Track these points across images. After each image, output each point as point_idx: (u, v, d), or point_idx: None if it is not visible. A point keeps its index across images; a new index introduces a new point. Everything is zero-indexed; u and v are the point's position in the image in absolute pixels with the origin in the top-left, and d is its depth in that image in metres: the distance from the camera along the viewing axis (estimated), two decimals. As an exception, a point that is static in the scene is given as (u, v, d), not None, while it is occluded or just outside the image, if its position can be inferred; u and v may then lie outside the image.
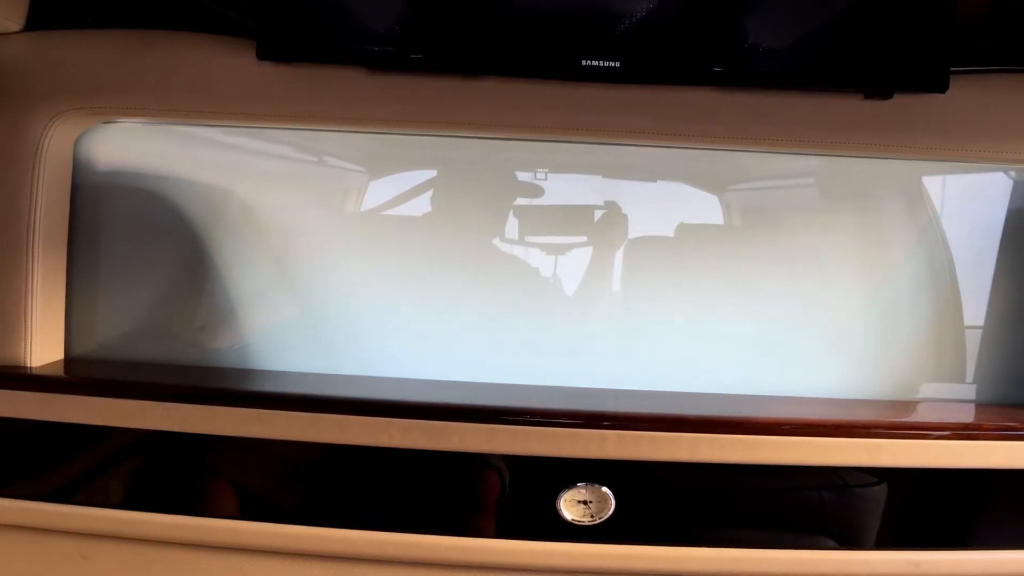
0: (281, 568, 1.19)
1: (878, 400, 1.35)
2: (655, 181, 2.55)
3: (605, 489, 1.16)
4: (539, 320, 1.44)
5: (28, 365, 1.22)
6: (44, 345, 1.24)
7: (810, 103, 1.19)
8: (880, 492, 1.20)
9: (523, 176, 2.45)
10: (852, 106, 1.19)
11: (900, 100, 1.18)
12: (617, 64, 1.16)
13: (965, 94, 1.18)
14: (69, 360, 1.29)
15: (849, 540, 1.19)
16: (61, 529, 1.19)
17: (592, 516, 1.16)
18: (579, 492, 1.16)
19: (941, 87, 1.15)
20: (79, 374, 1.26)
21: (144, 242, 1.37)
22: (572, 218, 2.69)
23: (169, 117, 1.30)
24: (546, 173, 2.67)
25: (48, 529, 1.19)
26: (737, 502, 1.20)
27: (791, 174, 2.33)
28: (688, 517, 1.19)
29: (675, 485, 1.18)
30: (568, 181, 1.71)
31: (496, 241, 1.50)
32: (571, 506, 1.16)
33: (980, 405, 1.35)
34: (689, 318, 1.45)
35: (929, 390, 1.39)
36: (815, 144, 1.22)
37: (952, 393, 1.39)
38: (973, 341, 1.40)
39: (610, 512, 1.16)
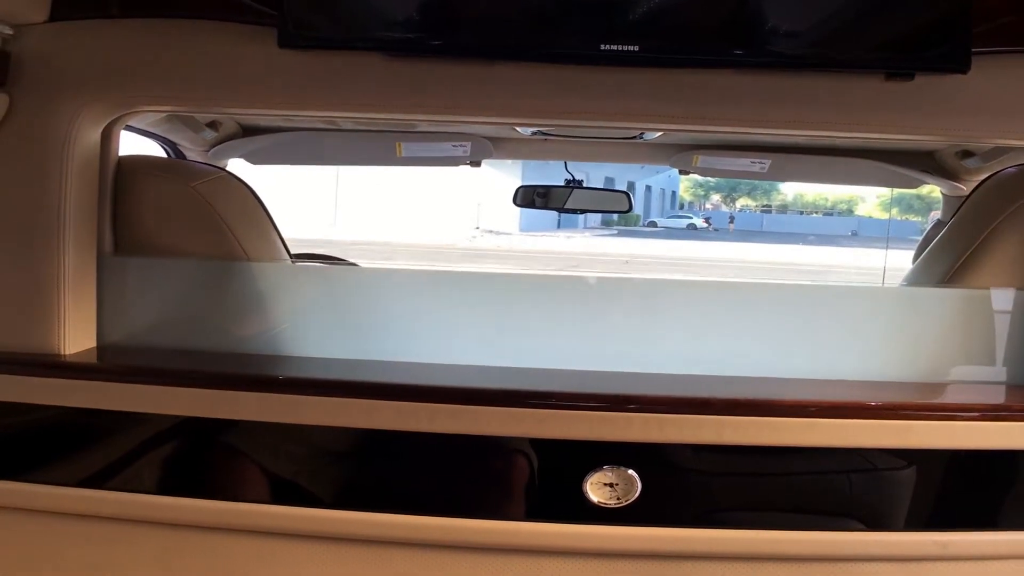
0: (312, 551, 1.25)
1: (906, 382, 1.39)
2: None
3: (631, 472, 1.21)
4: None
5: (62, 353, 1.29)
6: (77, 333, 1.31)
7: (831, 84, 1.25)
8: (909, 475, 1.25)
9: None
10: (874, 87, 1.25)
11: (922, 81, 1.24)
12: (636, 48, 1.21)
13: (987, 75, 1.24)
14: (101, 348, 1.36)
15: (878, 523, 1.25)
16: (96, 514, 1.27)
17: (619, 499, 1.22)
18: (605, 475, 1.21)
19: (963, 68, 1.20)
20: (112, 361, 1.33)
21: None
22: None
23: (192, 105, 1.38)
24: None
25: (83, 514, 1.27)
26: (764, 485, 1.26)
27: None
28: (715, 500, 1.25)
29: (701, 468, 1.25)
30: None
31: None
32: (597, 489, 1.22)
33: (1011, 386, 1.39)
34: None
35: (959, 372, 1.42)
36: (837, 126, 1.28)
37: (982, 375, 1.42)
38: (1002, 322, 1.43)
39: (636, 495, 1.22)
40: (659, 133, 2.26)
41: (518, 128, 2.29)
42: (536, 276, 1.54)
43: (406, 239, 21.05)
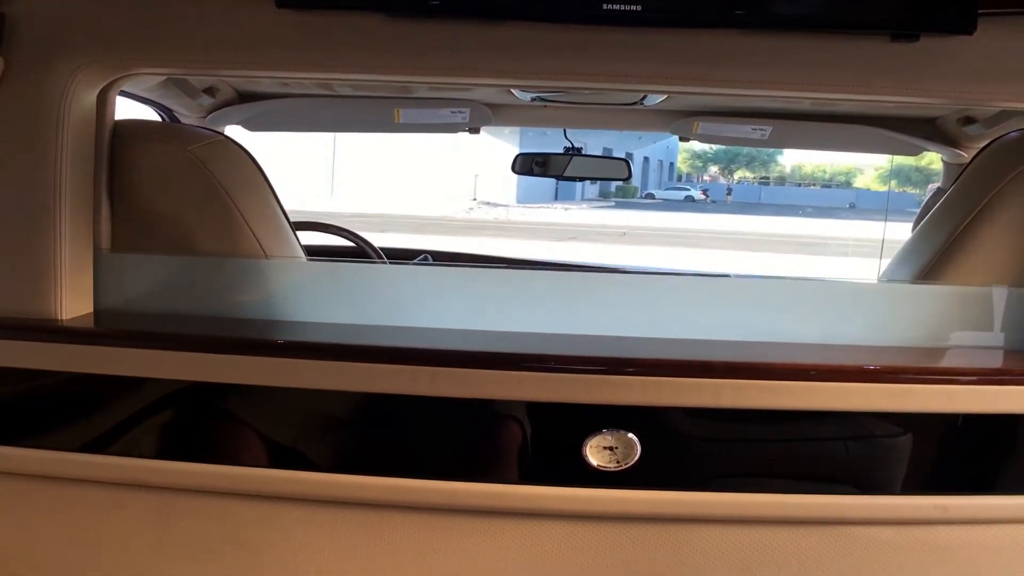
0: (311, 515, 1.26)
1: (906, 347, 1.39)
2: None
3: (631, 435, 1.22)
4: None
5: (59, 318, 1.29)
6: (74, 298, 1.31)
7: (835, 45, 1.24)
8: (905, 442, 1.26)
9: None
10: (878, 48, 1.24)
11: (927, 42, 1.23)
12: (639, 8, 1.20)
13: (993, 36, 1.23)
14: (98, 312, 1.36)
15: (877, 487, 1.25)
16: (95, 479, 1.27)
17: (618, 462, 1.22)
18: (605, 438, 1.22)
19: (969, 29, 1.19)
20: (109, 326, 1.33)
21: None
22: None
23: (189, 68, 1.36)
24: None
25: (83, 479, 1.27)
26: (763, 449, 1.27)
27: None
28: (714, 463, 1.26)
29: (701, 431, 1.25)
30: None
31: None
32: (597, 452, 1.22)
33: (1009, 352, 1.39)
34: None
35: (958, 338, 1.43)
36: (841, 88, 1.27)
37: (981, 341, 1.43)
38: (1000, 290, 1.43)
39: (636, 458, 1.22)
40: (660, 99, 2.25)
41: (517, 94, 2.28)
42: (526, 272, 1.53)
43: (403, 211, 21.03)
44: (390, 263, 2.61)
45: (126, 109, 1.73)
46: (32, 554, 1.30)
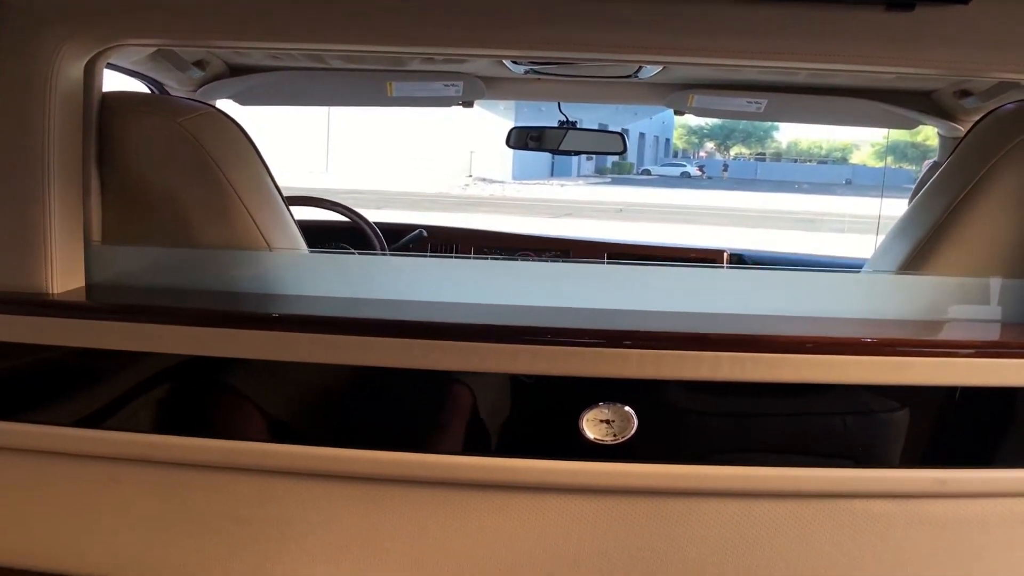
0: (308, 489, 1.26)
1: (904, 320, 1.39)
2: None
3: (628, 408, 1.21)
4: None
5: (50, 292, 1.28)
6: (65, 272, 1.30)
7: (830, 15, 1.23)
8: (903, 415, 1.25)
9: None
10: (874, 18, 1.23)
11: (922, 11, 1.22)
12: None
13: (988, 6, 1.22)
14: (90, 287, 1.35)
15: (875, 461, 1.25)
16: (91, 454, 1.27)
17: (615, 435, 1.22)
18: (601, 411, 1.21)
19: None
20: (100, 300, 1.32)
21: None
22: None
23: (177, 39, 1.35)
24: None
25: (78, 454, 1.27)
26: (761, 422, 1.26)
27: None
28: (712, 437, 1.25)
29: (698, 404, 1.25)
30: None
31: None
32: (594, 425, 1.22)
33: (1006, 324, 1.39)
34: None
35: (956, 311, 1.42)
36: (836, 58, 1.26)
37: (979, 314, 1.42)
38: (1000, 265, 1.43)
39: (633, 431, 1.22)
40: (655, 72, 2.23)
41: (511, 67, 2.26)
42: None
43: (399, 187, 20.98)
44: (385, 238, 2.61)
45: (118, 83, 1.71)
46: (26, 529, 1.30)
